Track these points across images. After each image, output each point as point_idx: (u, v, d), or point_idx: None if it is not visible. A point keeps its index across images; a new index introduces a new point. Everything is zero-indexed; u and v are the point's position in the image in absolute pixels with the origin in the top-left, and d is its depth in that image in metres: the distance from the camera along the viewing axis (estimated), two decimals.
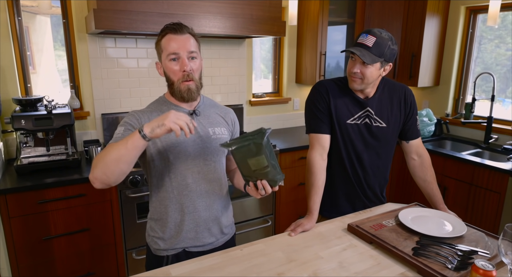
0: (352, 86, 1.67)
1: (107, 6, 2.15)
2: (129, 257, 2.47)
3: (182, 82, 1.39)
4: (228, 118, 1.59)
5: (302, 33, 3.52)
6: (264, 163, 1.23)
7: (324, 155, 1.72)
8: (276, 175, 1.29)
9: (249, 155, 1.22)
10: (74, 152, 2.48)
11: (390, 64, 1.65)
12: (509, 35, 3.25)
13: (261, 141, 1.19)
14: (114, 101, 2.84)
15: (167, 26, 1.39)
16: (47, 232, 2.20)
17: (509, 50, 3.28)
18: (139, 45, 2.84)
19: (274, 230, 3.09)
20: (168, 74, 1.41)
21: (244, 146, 1.21)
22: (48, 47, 2.73)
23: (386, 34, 1.59)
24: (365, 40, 1.57)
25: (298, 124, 3.87)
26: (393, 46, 1.60)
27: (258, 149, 1.21)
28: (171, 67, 1.38)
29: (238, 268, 1.29)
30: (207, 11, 2.46)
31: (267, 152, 1.23)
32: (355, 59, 1.62)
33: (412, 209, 1.69)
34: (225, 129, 1.54)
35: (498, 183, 2.63)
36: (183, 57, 1.37)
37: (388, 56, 1.60)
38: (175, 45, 1.36)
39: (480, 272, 1.09)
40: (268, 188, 1.30)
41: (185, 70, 1.37)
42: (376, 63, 1.58)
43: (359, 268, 1.30)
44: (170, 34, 1.37)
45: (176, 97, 1.43)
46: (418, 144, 1.83)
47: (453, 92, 3.61)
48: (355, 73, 1.61)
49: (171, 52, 1.36)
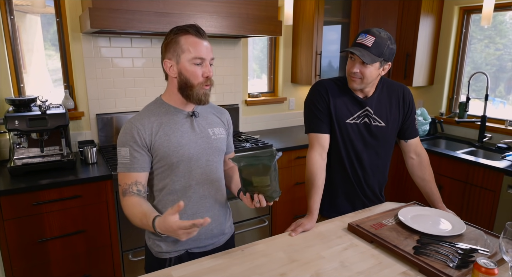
0: (352, 86, 1.67)
1: (102, 5, 2.12)
2: (126, 258, 2.44)
3: (204, 86, 1.38)
4: (224, 118, 1.60)
5: (297, 33, 3.52)
6: (267, 182, 1.28)
7: (324, 154, 1.72)
8: (273, 193, 1.33)
9: (255, 173, 1.26)
10: (69, 153, 2.45)
11: (389, 63, 1.65)
12: (498, 35, 3.29)
13: (270, 164, 1.23)
14: (109, 101, 2.82)
15: (189, 27, 1.35)
16: (42, 234, 2.17)
17: (498, 50, 3.32)
18: (134, 44, 2.81)
19: (271, 230, 3.09)
20: (188, 77, 1.36)
21: (253, 165, 1.25)
22: (39, 46, 2.69)
23: (385, 33, 1.59)
24: (364, 40, 1.57)
25: (294, 124, 3.87)
26: (392, 46, 1.61)
27: (265, 170, 1.25)
28: (195, 70, 1.35)
29: (240, 269, 1.28)
30: (203, 10, 2.45)
31: (273, 174, 1.27)
32: (354, 59, 1.61)
33: (411, 208, 1.69)
34: (222, 129, 1.55)
35: (493, 182, 2.65)
36: (207, 63, 1.37)
37: (387, 56, 1.60)
38: (202, 50, 1.34)
39: (482, 270, 1.10)
40: (263, 202, 1.34)
41: (209, 76, 1.38)
42: (375, 63, 1.58)
43: (361, 268, 1.30)
44: (193, 37, 1.34)
45: (193, 100, 1.40)
46: (416, 143, 1.84)
47: (447, 92, 3.63)
48: (355, 73, 1.61)
49: (197, 57, 1.34)
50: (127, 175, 1.38)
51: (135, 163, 1.37)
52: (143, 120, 1.40)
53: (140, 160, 1.37)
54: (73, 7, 2.58)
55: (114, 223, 2.36)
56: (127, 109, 2.89)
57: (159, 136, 1.38)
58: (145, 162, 1.39)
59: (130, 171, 1.37)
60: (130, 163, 1.37)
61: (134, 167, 1.37)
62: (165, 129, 1.39)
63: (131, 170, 1.37)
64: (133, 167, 1.37)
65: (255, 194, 1.33)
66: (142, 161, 1.38)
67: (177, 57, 1.35)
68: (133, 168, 1.37)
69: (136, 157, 1.37)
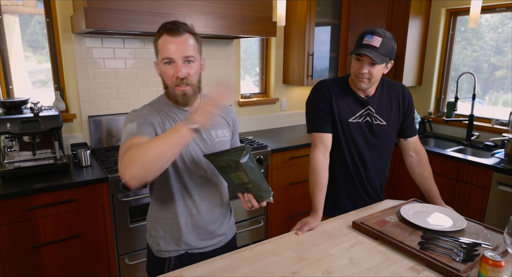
0: (360, 87, 1.68)
1: (98, 4, 2.09)
2: (122, 262, 2.41)
3: (175, 86, 1.33)
4: (229, 118, 1.57)
5: (289, 34, 3.54)
6: (245, 179, 1.26)
7: (327, 154, 1.73)
8: (259, 191, 1.31)
9: (229, 170, 1.25)
10: (62, 156, 2.40)
11: (392, 62, 1.69)
12: (475, 37, 3.41)
13: (238, 159, 1.20)
14: (101, 102, 2.77)
15: (164, 26, 1.32)
16: (36, 239, 2.12)
17: (475, 52, 3.43)
18: (127, 45, 2.78)
19: (266, 231, 3.08)
20: (163, 77, 1.36)
21: (223, 161, 1.23)
22: (17, 48, 2.61)
23: (389, 33, 1.62)
24: (372, 41, 1.59)
25: (286, 124, 3.88)
26: (395, 45, 1.65)
27: (236, 166, 1.22)
28: (166, 70, 1.33)
29: (251, 269, 1.28)
30: (199, 10, 2.44)
31: (248, 169, 1.24)
32: (362, 60, 1.63)
33: (411, 205, 1.72)
34: (227, 130, 1.53)
35: (482, 179, 2.72)
36: (177, 63, 1.30)
37: (392, 54, 1.64)
38: (170, 49, 1.29)
39: (490, 263, 1.12)
40: (254, 202, 1.34)
41: (178, 76, 1.31)
42: (384, 63, 1.61)
43: (370, 264, 1.32)
44: (165, 36, 1.30)
45: (172, 101, 1.39)
46: (415, 142, 1.87)
47: (435, 92, 3.70)
48: (364, 74, 1.63)
49: (165, 57, 1.30)
50: (133, 138, 1.24)
51: (145, 130, 1.28)
52: (150, 112, 1.38)
53: (148, 130, 1.30)
54: (64, 7, 2.54)
55: (110, 226, 2.32)
56: (119, 111, 2.85)
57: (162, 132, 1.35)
58: (152, 132, 1.31)
59: (137, 134, 1.25)
60: (137, 131, 1.27)
61: (143, 132, 1.26)
62: (168, 127, 1.36)
63: (137, 134, 1.25)
64: (139, 133, 1.26)
65: (245, 193, 1.34)
66: (150, 131, 1.30)
67: (157, 57, 1.36)
68: (142, 132, 1.26)
69: (145, 127, 1.29)
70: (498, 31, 3.27)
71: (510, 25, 3.15)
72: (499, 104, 3.36)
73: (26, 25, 2.63)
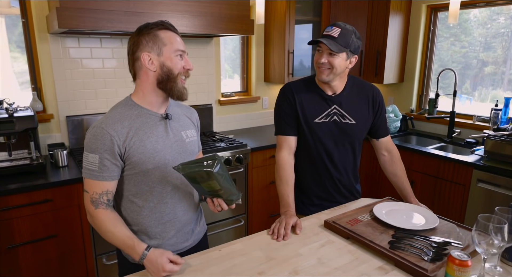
0: (321, 78, 1.69)
1: (70, 4, 2.07)
2: (99, 262, 2.39)
3: (182, 79, 1.38)
4: (194, 118, 1.59)
5: (269, 32, 3.53)
6: (216, 187, 1.27)
7: (292, 154, 1.79)
8: (230, 196, 1.33)
9: (201, 180, 1.25)
10: (39, 156, 2.37)
11: (355, 57, 1.70)
12: (463, 33, 3.40)
13: (211, 170, 1.20)
14: (79, 102, 2.75)
15: (164, 22, 1.36)
16: (12, 240, 2.10)
17: (463, 48, 3.43)
18: (104, 44, 2.75)
19: (247, 229, 3.08)
20: (171, 67, 1.34)
21: (195, 172, 1.22)
22: (3, 48, 2.58)
23: (350, 26, 1.65)
24: (331, 31, 1.62)
25: (268, 123, 3.87)
26: (357, 39, 1.66)
27: (209, 176, 1.22)
28: (177, 62, 1.35)
29: (218, 269, 1.27)
30: (174, 9, 2.42)
31: (220, 178, 1.24)
32: (322, 51, 1.65)
33: (385, 203, 1.72)
34: (194, 131, 1.54)
35: (462, 176, 2.73)
36: (186, 57, 1.39)
37: (353, 48, 1.65)
38: (181, 43, 1.37)
39: (456, 262, 1.12)
40: (224, 205, 1.36)
41: (190, 69, 1.40)
42: (342, 52, 1.62)
43: (338, 263, 1.31)
44: (170, 32, 1.35)
45: (174, 94, 1.37)
46: (387, 141, 1.89)
47: (417, 89, 3.72)
48: (323, 64, 1.65)
49: (179, 49, 1.35)
50: (95, 183, 1.30)
51: (105, 172, 1.30)
52: (115, 125, 1.31)
53: (110, 169, 1.30)
54: (40, 7, 2.51)
55: (87, 226, 2.30)
56: (98, 111, 2.82)
57: (133, 142, 1.31)
58: (115, 171, 1.32)
59: (99, 179, 1.30)
60: (99, 171, 1.29)
61: (103, 176, 1.30)
62: (139, 134, 1.33)
63: (99, 178, 1.30)
64: (102, 176, 1.30)
65: (214, 198, 1.35)
66: (112, 170, 1.31)
67: (157, 49, 1.32)
68: (102, 177, 1.30)
69: (106, 166, 1.29)
70: (487, 26, 3.27)
71: (498, 21, 3.15)
72: (488, 100, 3.35)
73: (14, 26, 2.60)
